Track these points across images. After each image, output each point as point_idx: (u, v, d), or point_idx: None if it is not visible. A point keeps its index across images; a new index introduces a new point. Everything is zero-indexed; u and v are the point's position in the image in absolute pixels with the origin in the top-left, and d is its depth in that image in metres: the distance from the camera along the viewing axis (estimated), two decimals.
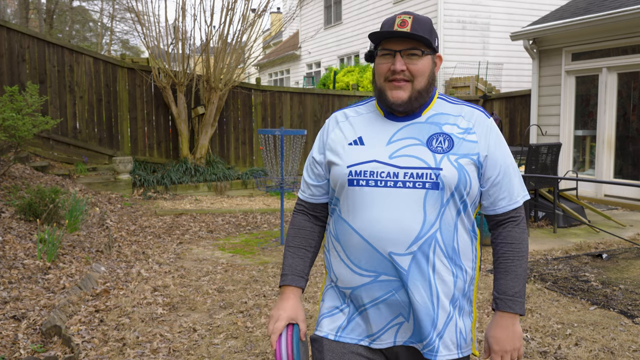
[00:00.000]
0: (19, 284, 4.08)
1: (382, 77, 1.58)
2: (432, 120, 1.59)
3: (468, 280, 1.59)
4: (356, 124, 1.65)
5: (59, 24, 27.43)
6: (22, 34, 9.46)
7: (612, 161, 9.03)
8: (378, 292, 1.54)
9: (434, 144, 1.54)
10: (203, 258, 5.67)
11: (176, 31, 10.41)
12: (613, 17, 8.26)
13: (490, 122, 1.61)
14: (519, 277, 1.60)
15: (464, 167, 1.52)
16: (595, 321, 3.84)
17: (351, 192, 1.56)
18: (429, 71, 1.58)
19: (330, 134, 1.67)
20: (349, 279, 1.58)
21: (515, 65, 15.02)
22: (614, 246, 6.09)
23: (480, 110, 1.63)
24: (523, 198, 1.64)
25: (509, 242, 1.62)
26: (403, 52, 1.55)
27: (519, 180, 1.63)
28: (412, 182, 1.51)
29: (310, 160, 1.71)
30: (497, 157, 1.58)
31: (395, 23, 1.55)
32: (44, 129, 7.47)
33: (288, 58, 23.96)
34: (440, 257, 1.52)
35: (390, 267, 1.51)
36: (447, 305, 1.54)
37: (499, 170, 1.59)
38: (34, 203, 5.59)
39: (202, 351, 3.36)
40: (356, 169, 1.55)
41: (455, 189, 1.51)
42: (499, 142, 1.61)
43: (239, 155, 11.31)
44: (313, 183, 1.71)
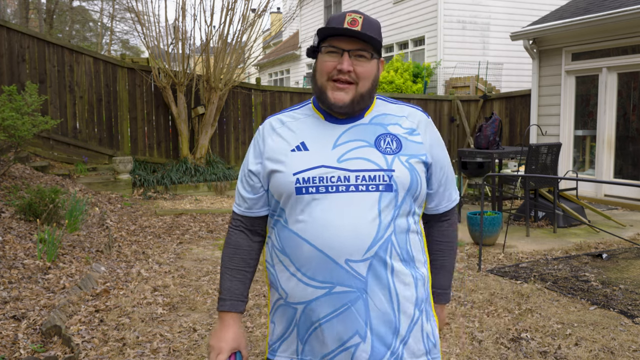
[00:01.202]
0: (19, 284, 4.09)
1: (326, 76, 1.49)
2: (376, 121, 1.54)
3: (425, 282, 1.56)
4: (295, 128, 1.54)
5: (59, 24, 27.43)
6: (22, 34, 9.46)
7: (612, 161, 9.03)
8: (333, 305, 1.44)
9: (382, 145, 1.49)
10: (203, 258, 5.67)
11: (176, 31, 10.41)
12: (613, 17, 8.26)
13: (431, 122, 1.60)
14: (451, 272, 1.72)
15: (414, 168, 1.49)
16: (595, 321, 3.84)
17: (300, 200, 1.46)
18: (374, 75, 1.52)
19: (267, 141, 1.55)
20: (301, 293, 1.47)
21: (515, 65, 15.02)
22: (614, 246, 6.10)
23: (421, 111, 1.60)
24: (458, 196, 1.69)
25: (445, 240, 1.68)
26: (352, 52, 1.48)
27: (454, 179, 1.67)
28: (365, 185, 1.44)
29: (245, 172, 1.59)
30: (441, 158, 1.58)
31: (346, 21, 1.47)
32: (44, 128, 7.47)
33: (288, 58, 23.97)
34: (396, 260, 1.46)
35: (346, 276, 1.42)
36: (412, 310, 1.49)
37: (444, 172, 1.59)
38: (34, 203, 5.59)
39: (202, 351, 3.36)
40: (303, 175, 1.46)
41: (408, 190, 1.47)
42: (440, 142, 1.61)
43: (239, 155, 11.31)
44: (250, 196, 1.58)
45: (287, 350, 1.54)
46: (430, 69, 14.72)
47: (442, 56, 14.70)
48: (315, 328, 1.48)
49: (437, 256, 1.67)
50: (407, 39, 15.94)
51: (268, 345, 1.59)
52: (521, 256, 5.69)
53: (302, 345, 1.51)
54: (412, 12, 15.49)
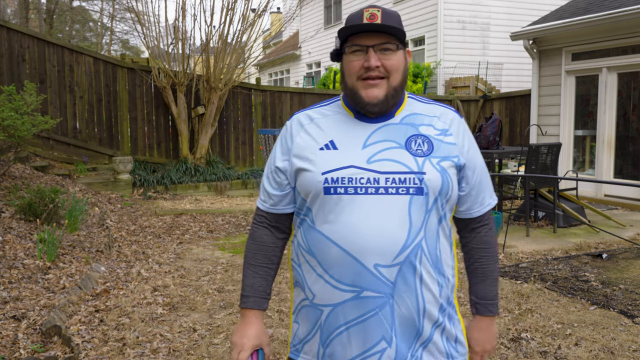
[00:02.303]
0: (19, 284, 4.08)
1: (354, 76, 1.45)
2: (407, 121, 1.49)
3: (450, 288, 1.52)
4: (324, 126, 1.51)
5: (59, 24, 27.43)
6: (22, 34, 9.46)
7: (612, 161, 9.03)
8: (360, 310, 1.41)
9: (413, 147, 1.44)
10: (203, 258, 5.67)
11: (176, 31, 10.41)
12: (613, 17, 8.26)
13: (463, 122, 1.55)
14: (495, 281, 1.59)
15: (446, 171, 1.44)
16: (595, 321, 3.84)
17: (328, 200, 1.42)
18: (403, 66, 1.48)
19: (296, 138, 1.51)
20: (329, 296, 1.44)
21: (515, 65, 15.03)
22: (614, 246, 6.09)
23: (454, 111, 1.55)
24: (494, 200, 1.60)
25: (484, 246, 1.58)
26: (376, 47, 1.43)
27: (490, 183, 1.60)
28: (395, 188, 1.40)
29: (272, 168, 1.55)
30: (474, 160, 1.52)
31: (364, 17, 1.43)
32: (44, 128, 7.47)
33: (288, 58, 23.97)
34: (426, 266, 1.42)
35: (374, 281, 1.39)
36: (435, 314, 1.46)
37: (477, 174, 1.53)
38: (34, 203, 5.59)
39: (202, 351, 3.36)
40: (332, 175, 1.42)
41: (439, 193, 1.42)
42: (474, 143, 1.55)
43: (239, 155, 11.31)
44: (275, 193, 1.54)
45: (309, 352, 1.52)
46: (430, 69, 14.72)
47: (442, 56, 14.70)
48: (340, 332, 1.44)
49: (478, 265, 1.58)
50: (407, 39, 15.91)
51: (291, 345, 1.57)
52: (521, 256, 5.69)
53: (324, 348, 1.47)
54: (412, 12, 15.49)
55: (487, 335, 1.58)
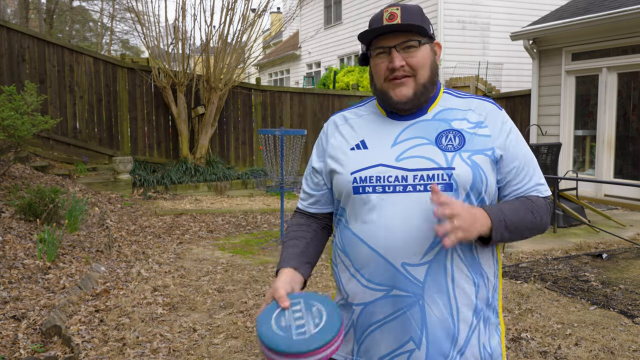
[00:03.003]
0: (19, 284, 4.08)
1: (382, 78, 1.45)
2: (440, 116, 1.46)
3: (491, 289, 1.46)
4: (357, 126, 1.53)
5: (59, 24, 27.43)
6: (22, 34, 9.46)
7: (612, 161, 9.03)
8: (390, 308, 1.40)
9: (443, 142, 1.42)
10: (203, 258, 5.67)
11: (176, 31, 10.41)
12: (613, 17, 8.26)
13: (503, 114, 1.49)
14: (517, 210, 1.40)
15: (478, 165, 1.39)
16: (595, 321, 3.84)
17: (357, 200, 1.43)
18: (430, 61, 1.46)
19: (330, 139, 1.54)
20: (361, 295, 1.44)
21: (515, 65, 15.02)
22: (614, 246, 6.09)
23: (491, 102, 1.50)
24: (548, 191, 1.49)
25: (529, 198, 1.45)
26: (398, 46, 1.42)
27: (541, 175, 1.50)
28: (423, 185, 1.37)
29: (310, 169, 1.59)
30: (514, 150, 1.45)
31: (384, 17, 1.43)
32: (44, 128, 7.47)
33: (288, 58, 23.97)
34: (459, 265, 1.38)
35: (403, 280, 1.37)
36: (470, 317, 1.40)
37: (518, 163, 1.45)
38: (34, 203, 5.59)
39: (202, 351, 3.36)
40: (361, 175, 1.43)
41: (470, 188, 1.38)
42: (516, 134, 1.48)
43: (239, 155, 11.31)
44: (314, 193, 1.58)
45: (344, 349, 1.51)
46: None
47: (442, 56, 14.67)
48: (372, 330, 1.44)
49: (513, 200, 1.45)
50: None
51: None
52: (521, 256, 5.69)
53: (358, 345, 1.48)
54: None
55: (471, 214, 1.31)
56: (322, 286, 4.61)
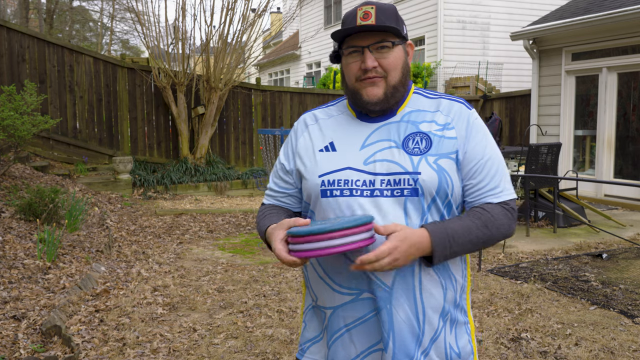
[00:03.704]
0: (19, 283, 4.08)
1: (354, 78, 1.43)
2: (408, 118, 1.44)
3: (459, 290, 1.46)
4: (326, 127, 1.50)
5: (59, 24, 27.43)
6: (22, 33, 9.46)
7: (612, 161, 9.03)
8: (358, 312, 1.40)
9: (410, 146, 1.39)
10: (203, 258, 5.67)
11: (176, 31, 10.41)
12: (613, 17, 8.26)
13: (470, 114, 1.45)
14: (467, 228, 1.35)
15: (444, 169, 1.37)
16: (595, 321, 3.84)
17: (325, 203, 1.40)
18: (402, 63, 1.44)
19: (300, 139, 1.52)
20: (330, 298, 1.44)
21: (515, 65, 15.03)
22: (614, 246, 6.09)
23: (461, 102, 1.46)
24: (508, 194, 1.43)
25: (484, 209, 1.39)
26: (372, 46, 1.40)
27: (504, 177, 1.44)
28: (390, 190, 1.36)
29: (279, 166, 1.55)
30: (479, 151, 1.41)
31: (358, 17, 1.39)
32: (44, 128, 7.47)
33: (288, 58, 23.97)
34: (425, 269, 1.38)
35: (371, 284, 1.37)
36: (436, 319, 1.41)
37: (477, 163, 1.40)
38: (34, 203, 5.59)
39: (202, 351, 3.36)
40: (329, 178, 1.40)
41: (436, 193, 1.36)
42: (481, 134, 1.43)
43: (239, 155, 11.31)
44: (283, 191, 1.55)
45: (317, 353, 1.51)
46: (430, 68, 14.73)
47: (442, 56, 14.70)
48: (342, 334, 1.43)
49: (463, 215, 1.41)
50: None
51: (299, 344, 1.58)
52: (521, 256, 5.69)
53: (328, 349, 1.48)
54: (412, 12, 15.49)
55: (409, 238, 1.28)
56: None
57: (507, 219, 1.41)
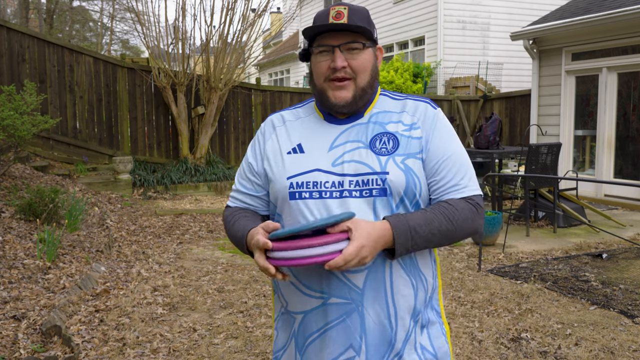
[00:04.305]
0: (19, 283, 4.08)
1: (322, 77, 1.41)
2: (375, 119, 1.44)
3: (430, 290, 1.45)
4: (294, 129, 1.48)
5: (59, 24, 27.43)
6: (22, 33, 9.46)
7: (612, 161, 9.03)
8: (329, 316, 1.37)
9: (377, 146, 1.39)
10: (203, 258, 5.67)
11: (176, 31, 10.41)
12: (613, 17, 8.26)
13: (436, 113, 1.45)
14: (429, 220, 1.33)
15: (411, 169, 1.37)
16: (595, 321, 3.84)
17: (294, 205, 1.39)
18: (372, 65, 1.43)
19: (267, 141, 1.50)
20: (300, 303, 1.41)
21: (515, 65, 15.03)
22: (614, 246, 6.09)
23: (426, 102, 1.47)
24: (472, 190, 1.41)
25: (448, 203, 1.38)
26: (342, 46, 1.39)
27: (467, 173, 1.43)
28: (359, 191, 1.35)
29: (246, 166, 1.53)
30: (441, 149, 1.41)
31: (330, 15, 1.38)
32: (44, 128, 7.47)
33: (288, 58, 23.96)
34: (397, 270, 1.37)
35: (342, 287, 1.35)
36: (408, 321, 1.39)
37: (439, 159, 1.40)
38: (34, 203, 5.59)
39: (202, 351, 3.36)
40: (297, 180, 1.39)
41: (404, 193, 1.36)
42: (444, 132, 1.43)
43: (239, 155, 11.31)
44: (250, 193, 1.52)
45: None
46: (430, 68, 14.73)
47: (442, 56, 14.70)
48: (313, 340, 1.41)
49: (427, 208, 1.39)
50: (407, 39, 15.94)
51: (273, 353, 1.56)
52: (521, 256, 5.69)
53: (300, 356, 1.45)
54: (412, 12, 15.50)
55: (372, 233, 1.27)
56: None
57: (471, 214, 1.39)
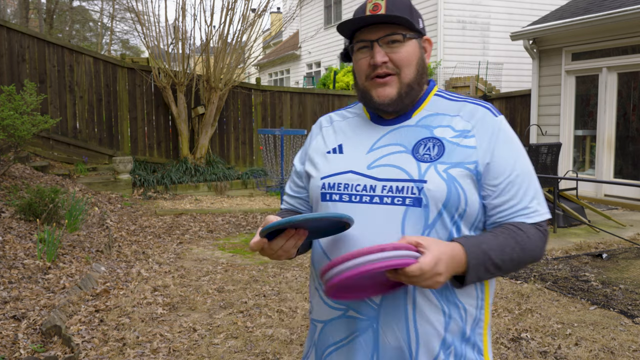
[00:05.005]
0: (19, 283, 4.08)
1: (364, 76, 1.32)
2: (424, 122, 1.32)
3: (470, 322, 1.28)
4: (339, 129, 1.42)
5: (59, 24, 27.43)
6: (22, 33, 9.46)
7: (612, 161, 9.03)
8: (344, 331, 1.29)
9: (420, 151, 1.27)
10: (203, 258, 5.67)
11: (176, 31, 10.41)
12: (613, 17, 8.26)
13: (497, 122, 1.29)
14: (501, 248, 1.21)
15: (455, 179, 1.23)
16: (595, 321, 3.84)
17: (324, 208, 1.32)
18: (417, 58, 1.31)
19: (313, 141, 1.45)
20: (322, 311, 1.35)
21: (515, 65, 15.02)
22: (614, 246, 6.09)
23: (486, 108, 1.32)
24: (542, 214, 1.28)
25: (519, 228, 1.24)
26: (381, 40, 1.28)
27: (536, 195, 1.29)
28: (391, 198, 1.24)
29: (293, 169, 1.50)
30: (503, 163, 1.26)
31: (367, 8, 1.29)
32: (44, 128, 7.47)
33: (288, 58, 23.97)
34: (423, 291, 1.22)
35: (359, 300, 1.26)
36: (435, 350, 1.24)
37: (505, 178, 1.26)
38: (34, 203, 5.59)
39: (202, 351, 3.36)
40: (330, 181, 1.32)
41: (444, 206, 1.22)
42: (509, 145, 1.28)
43: (239, 155, 11.31)
44: (296, 195, 1.49)
45: None
46: (430, 69, 14.73)
47: (442, 56, 14.70)
48: (329, 353, 1.34)
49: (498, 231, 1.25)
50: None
51: None
52: None
53: None
54: None
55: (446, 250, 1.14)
56: None
57: (540, 242, 1.27)
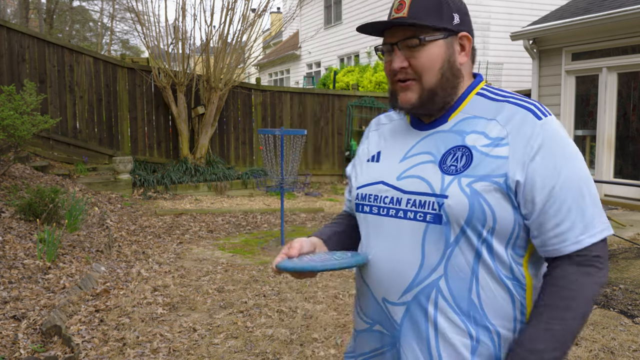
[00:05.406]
0: (19, 283, 4.08)
1: (390, 79, 1.24)
2: (458, 127, 1.19)
3: (504, 346, 1.15)
4: (382, 134, 1.35)
5: (59, 24, 27.44)
6: (22, 33, 9.46)
7: (612, 161, 9.03)
8: (372, 344, 1.28)
9: (448, 162, 1.16)
10: (203, 258, 5.67)
11: (176, 31, 10.41)
12: (613, 17, 8.26)
13: (539, 125, 1.12)
14: (552, 333, 1.08)
15: (480, 194, 1.11)
16: (595, 321, 3.84)
17: (360, 218, 1.29)
18: (442, 62, 1.19)
19: (362, 145, 1.40)
20: (356, 321, 1.35)
21: (515, 65, 15.03)
22: (613, 246, 6.09)
23: (527, 110, 1.15)
24: (592, 236, 1.11)
25: (557, 284, 1.11)
26: (400, 43, 1.19)
27: (586, 210, 1.12)
28: (414, 212, 1.16)
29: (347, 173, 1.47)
30: (542, 176, 1.10)
31: (393, 7, 1.21)
32: (44, 128, 7.47)
33: (288, 58, 23.97)
34: (445, 312, 1.14)
35: (384, 317, 1.22)
36: None
37: (546, 194, 1.11)
38: (34, 203, 5.59)
39: (202, 351, 3.36)
40: (363, 191, 1.27)
41: (466, 223, 1.11)
42: (549, 154, 1.11)
43: (239, 155, 11.31)
44: (350, 199, 1.45)
45: None
46: None
47: None
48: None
49: (537, 304, 1.14)
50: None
51: None
52: None
53: None
54: None
55: None
56: None
57: (592, 285, 1.10)
